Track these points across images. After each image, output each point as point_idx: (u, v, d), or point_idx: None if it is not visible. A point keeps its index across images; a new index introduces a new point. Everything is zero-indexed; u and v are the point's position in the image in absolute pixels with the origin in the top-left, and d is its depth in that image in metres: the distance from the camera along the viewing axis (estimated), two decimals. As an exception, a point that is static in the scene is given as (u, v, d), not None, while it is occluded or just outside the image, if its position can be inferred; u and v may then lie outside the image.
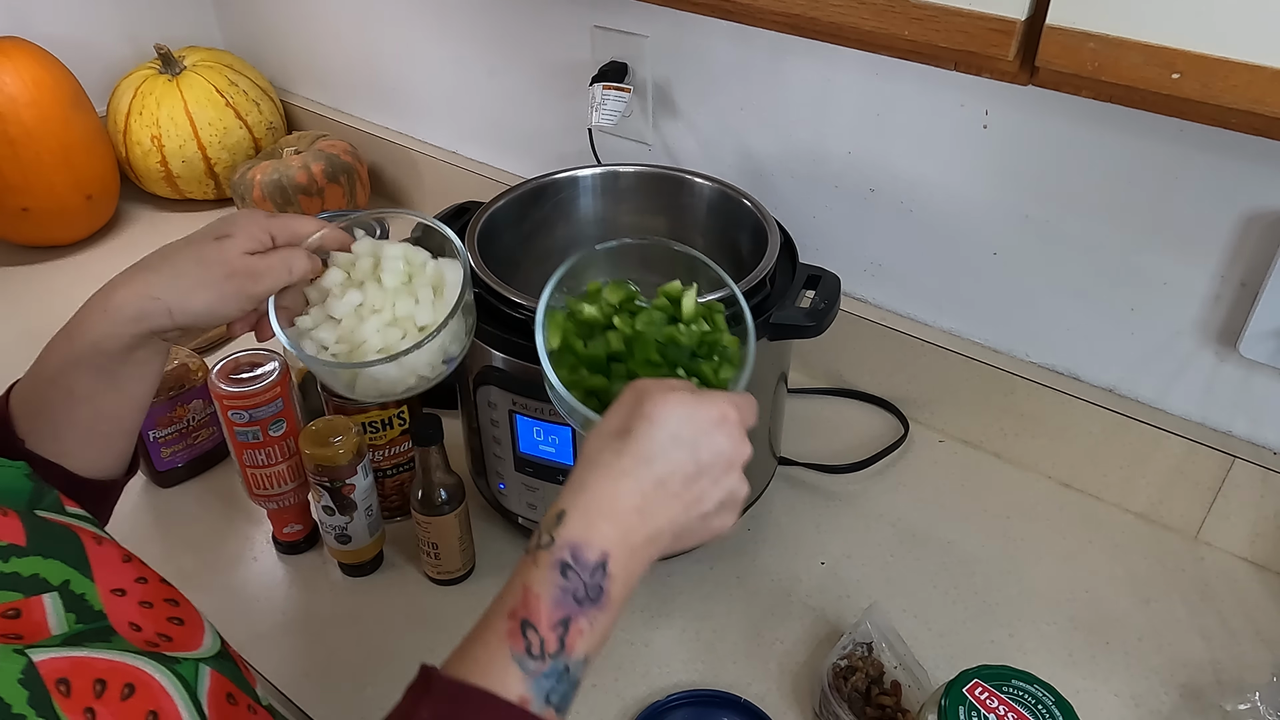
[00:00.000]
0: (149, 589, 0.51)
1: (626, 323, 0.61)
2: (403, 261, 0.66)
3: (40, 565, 0.46)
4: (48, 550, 0.47)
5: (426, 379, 0.66)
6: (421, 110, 1.41)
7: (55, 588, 0.46)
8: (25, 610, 0.44)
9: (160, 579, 0.53)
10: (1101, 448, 0.92)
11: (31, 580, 0.45)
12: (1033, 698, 0.63)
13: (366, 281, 0.65)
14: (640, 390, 0.52)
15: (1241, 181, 0.76)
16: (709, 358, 0.61)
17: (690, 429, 0.51)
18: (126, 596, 0.49)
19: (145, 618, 0.49)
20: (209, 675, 0.48)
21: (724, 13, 0.63)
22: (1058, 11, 0.49)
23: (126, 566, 0.51)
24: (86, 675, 0.42)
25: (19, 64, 1.25)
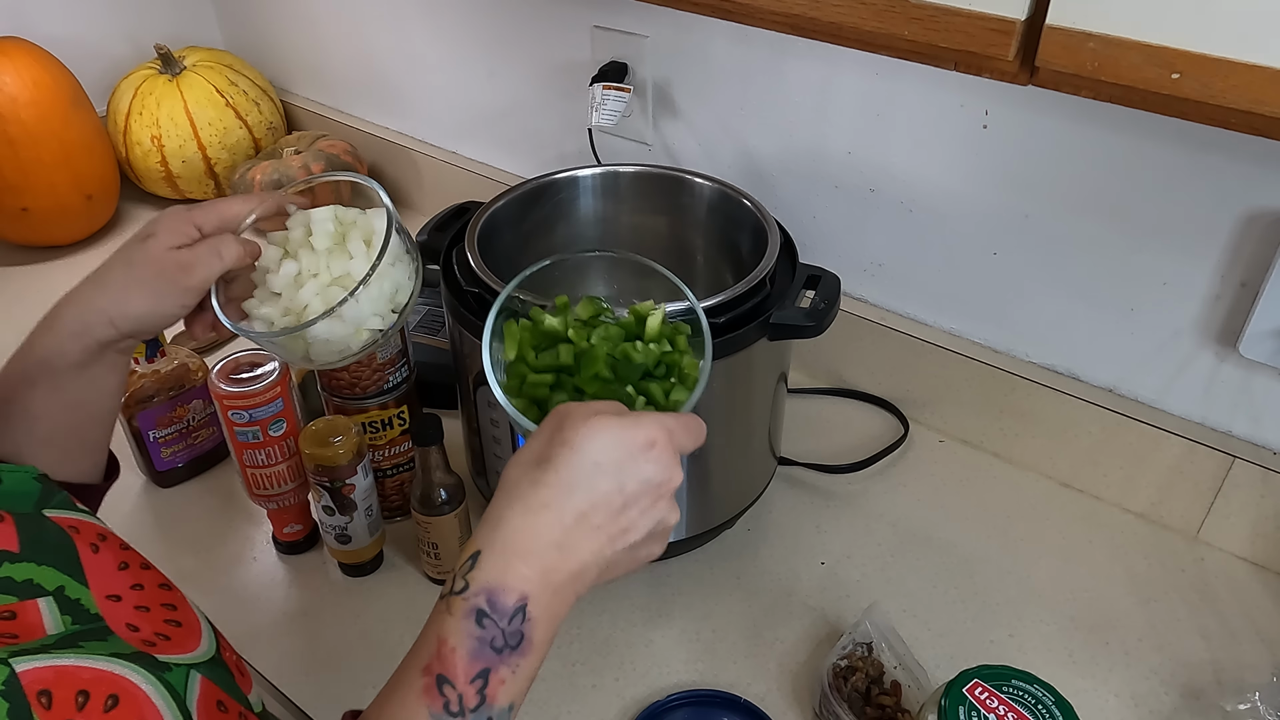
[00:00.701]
0: (145, 594, 0.50)
1: (581, 335, 0.59)
2: (332, 222, 0.65)
3: (34, 571, 0.46)
4: (41, 557, 0.47)
5: (381, 331, 0.65)
6: (421, 110, 1.41)
7: (50, 593, 0.46)
8: (20, 613, 0.44)
9: (159, 583, 0.52)
10: (1101, 448, 0.92)
11: (25, 585, 0.45)
12: (1033, 698, 0.63)
13: (300, 250, 0.64)
14: (562, 414, 0.49)
15: (1241, 181, 0.76)
16: (664, 378, 0.59)
17: (614, 455, 0.48)
18: (122, 602, 0.49)
19: (142, 620, 0.49)
20: (199, 682, 0.47)
21: (724, 13, 0.63)
22: (1058, 11, 0.49)
23: (122, 574, 0.50)
24: (70, 686, 0.41)
25: (19, 64, 1.25)
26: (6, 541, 0.46)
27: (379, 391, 0.84)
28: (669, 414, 0.52)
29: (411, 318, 1.10)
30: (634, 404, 0.57)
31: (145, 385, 0.91)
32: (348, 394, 0.84)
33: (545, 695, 0.76)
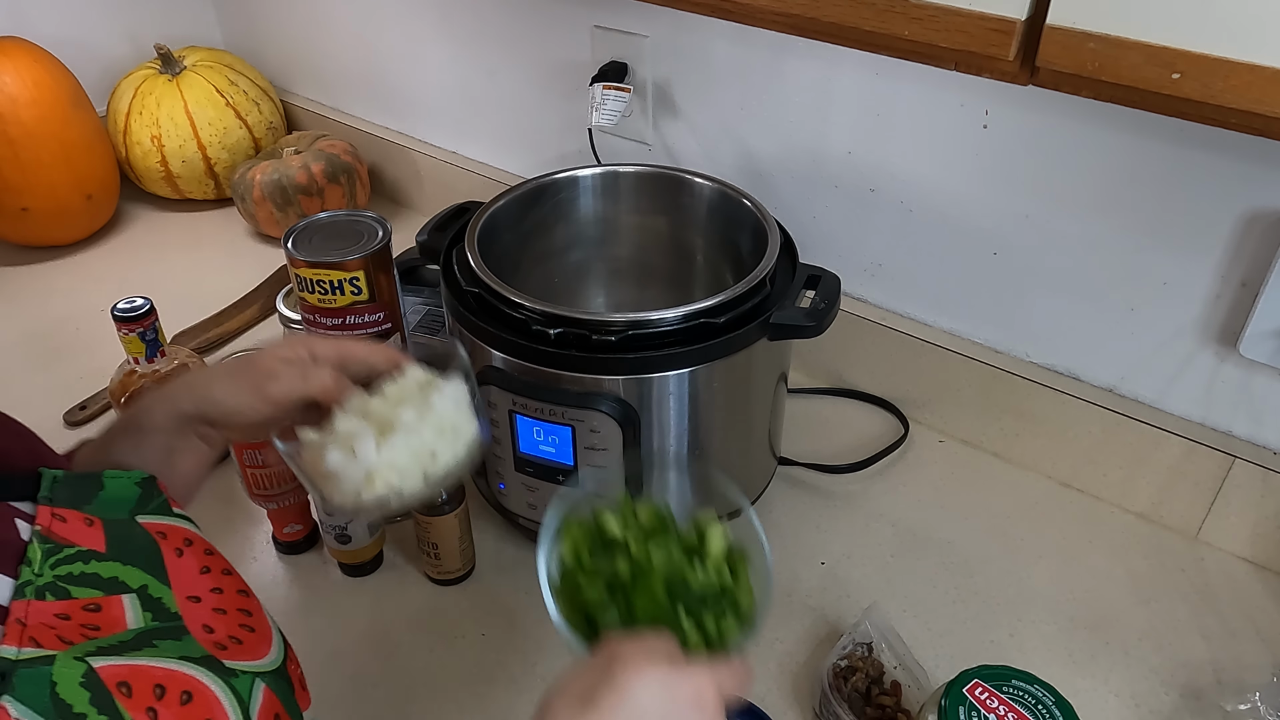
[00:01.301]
0: (223, 598, 0.52)
1: (641, 547, 0.57)
2: (453, 402, 0.64)
3: (119, 570, 0.48)
4: (126, 558, 0.49)
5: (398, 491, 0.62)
6: (421, 110, 1.41)
7: (134, 590, 0.48)
8: (105, 606, 0.46)
9: (238, 589, 0.54)
10: (1101, 448, 0.92)
11: (111, 581, 0.47)
12: (1033, 698, 0.63)
13: (400, 407, 0.63)
14: (614, 654, 0.49)
15: (1241, 181, 0.76)
16: (718, 610, 0.57)
17: (661, 707, 0.48)
18: (201, 604, 0.51)
19: (218, 622, 0.51)
20: (263, 692, 0.49)
21: (724, 13, 0.63)
22: (1058, 11, 0.49)
23: (204, 577, 0.52)
24: (146, 680, 0.43)
25: (19, 64, 1.25)
26: (94, 543, 0.48)
27: (379, 391, 0.84)
28: (719, 664, 0.53)
29: (412, 318, 1.10)
30: (686, 638, 0.56)
31: (145, 385, 0.91)
32: (348, 394, 0.84)
33: (545, 695, 0.76)
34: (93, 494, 0.52)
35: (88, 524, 0.49)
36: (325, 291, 0.77)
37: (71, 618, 0.44)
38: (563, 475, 0.77)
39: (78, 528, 0.49)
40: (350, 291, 0.77)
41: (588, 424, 0.73)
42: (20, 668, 0.40)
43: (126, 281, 1.31)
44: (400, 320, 0.83)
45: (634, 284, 1.00)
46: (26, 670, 0.40)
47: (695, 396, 0.75)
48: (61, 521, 0.48)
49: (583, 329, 0.71)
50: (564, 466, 0.77)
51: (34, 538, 0.46)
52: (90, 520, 0.49)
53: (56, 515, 0.49)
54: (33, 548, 0.46)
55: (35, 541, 0.46)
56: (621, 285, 1.00)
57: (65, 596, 0.45)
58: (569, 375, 0.72)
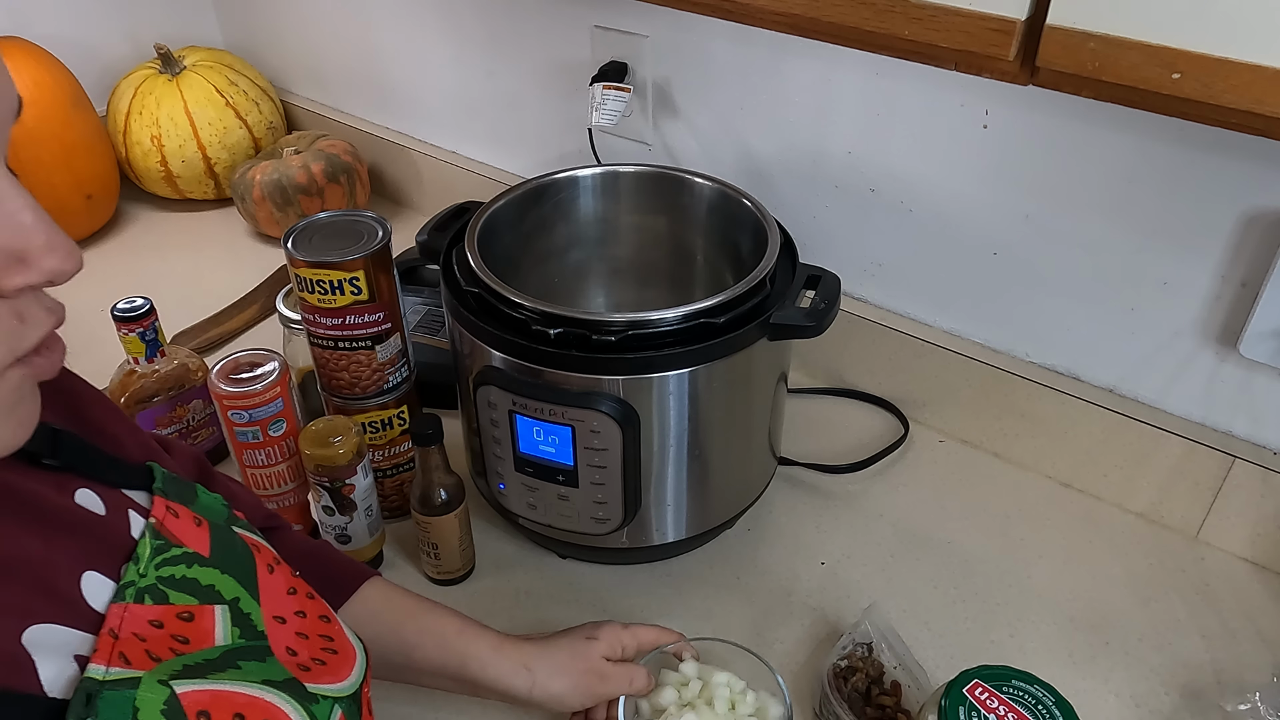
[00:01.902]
0: (306, 623, 0.53)
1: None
2: (727, 688, 0.71)
3: (217, 578, 0.49)
4: (226, 566, 0.49)
5: None
6: (421, 110, 1.41)
7: (227, 602, 0.48)
8: (198, 616, 0.46)
9: (320, 614, 0.55)
10: (1101, 448, 0.92)
11: (208, 590, 0.48)
12: (1033, 698, 0.63)
13: (695, 701, 0.70)
14: None
15: (1241, 181, 0.76)
16: None
17: None
18: (285, 625, 0.51)
19: (301, 646, 0.51)
20: (339, 717, 0.50)
21: (724, 13, 0.63)
22: (1058, 11, 0.49)
23: (290, 599, 0.53)
24: (226, 709, 0.43)
25: (19, 64, 1.25)
26: (199, 545, 0.49)
27: (379, 391, 0.84)
28: None
29: (412, 318, 1.10)
30: None
31: (145, 385, 0.91)
32: (348, 394, 0.84)
33: (545, 695, 0.76)
34: (192, 498, 0.52)
35: (197, 524, 0.50)
36: (325, 291, 0.77)
37: (164, 626, 0.44)
38: (562, 475, 0.77)
39: (188, 526, 0.49)
40: (350, 291, 0.77)
41: (588, 424, 0.73)
42: (106, 689, 0.40)
43: (126, 281, 1.31)
44: (400, 320, 0.83)
45: (634, 284, 1.00)
46: (111, 693, 0.40)
47: (695, 396, 0.75)
48: (175, 517, 0.49)
49: (583, 329, 0.71)
50: (564, 466, 0.77)
51: (147, 531, 0.47)
52: (199, 520, 0.50)
53: (171, 510, 0.49)
54: (144, 543, 0.46)
55: (148, 535, 0.47)
56: (621, 285, 1.00)
57: (163, 601, 0.45)
58: (569, 375, 0.72)
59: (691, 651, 0.74)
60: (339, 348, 0.81)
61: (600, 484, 0.77)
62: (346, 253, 0.77)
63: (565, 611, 0.84)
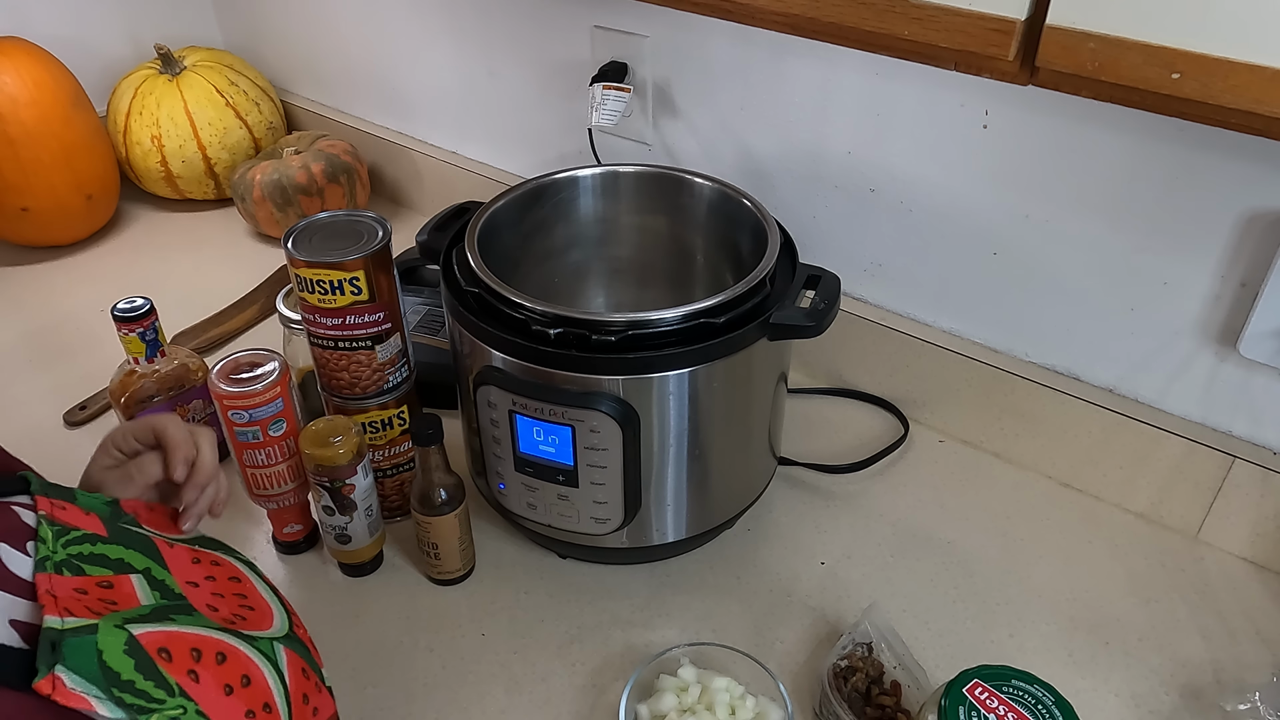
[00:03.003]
0: (218, 584, 0.55)
1: None
2: (726, 693, 0.71)
3: (123, 552, 0.50)
4: (128, 543, 0.51)
5: None
6: (421, 110, 1.41)
7: (139, 571, 0.50)
8: (116, 584, 0.48)
9: (229, 576, 0.56)
10: (1101, 448, 0.92)
11: (118, 562, 0.49)
12: (1033, 698, 0.63)
13: (696, 709, 0.70)
14: None
15: (1241, 181, 0.76)
16: None
17: None
18: (199, 589, 0.53)
19: (219, 604, 0.53)
20: (284, 651, 0.52)
21: (724, 13, 0.63)
22: (1058, 11, 0.49)
23: (196, 567, 0.54)
24: (183, 644, 0.45)
25: (19, 64, 1.25)
26: (95, 529, 0.51)
27: (379, 391, 0.84)
28: None
29: (412, 318, 1.10)
30: None
31: (145, 385, 0.91)
32: (348, 394, 0.84)
33: (546, 694, 0.76)
34: (72, 498, 0.53)
35: (85, 513, 0.51)
36: (325, 291, 0.77)
37: (89, 593, 0.46)
38: (562, 475, 0.77)
39: (77, 515, 0.51)
40: (350, 291, 0.77)
41: (588, 424, 0.73)
42: (68, 636, 0.41)
43: (126, 281, 1.31)
44: (400, 320, 0.83)
45: (634, 284, 1.00)
46: (74, 639, 0.41)
47: (695, 396, 0.75)
48: (62, 509, 0.50)
49: (583, 329, 0.71)
50: (564, 466, 0.77)
51: (41, 521, 0.48)
52: (87, 511, 0.51)
53: (56, 504, 0.50)
54: (43, 528, 0.47)
55: (44, 524, 0.48)
56: (621, 285, 1.00)
57: (80, 573, 0.46)
58: (569, 375, 0.72)
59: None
60: (339, 348, 0.81)
61: (600, 484, 0.77)
62: (346, 253, 0.77)
63: (565, 611, 0.84)
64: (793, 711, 0.70)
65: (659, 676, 0.73)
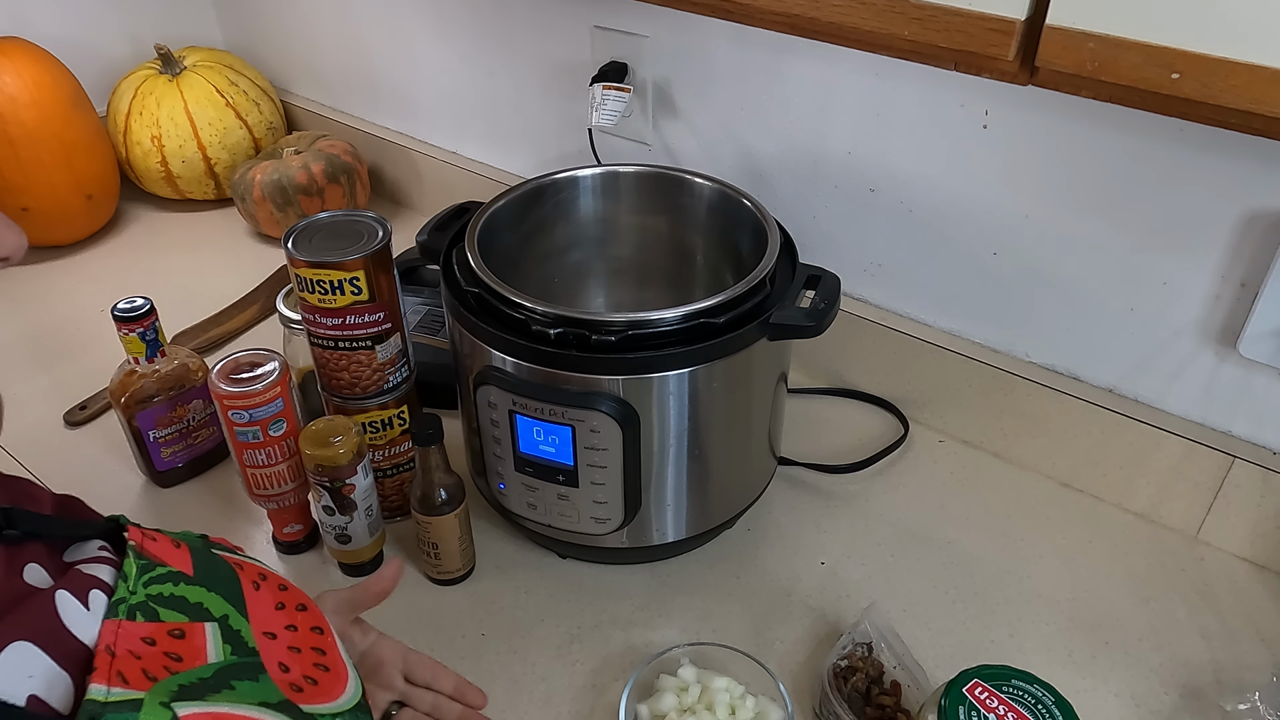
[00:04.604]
0: (297, 636, 0.53)
1: None
2: (727, 693, 0.71)
3: (204, 596, 0.48)
4: (211, 584, 0.49)
5: None
6: (421, 110, 1.41)
7: (216, 619, 0.48)
8: (189, 633, 0.46)
9: (311, 626, 0.54)
10: (1101, 448, 0.92)
11: (196, 607, 0.48)
12: (1033, 698, 0.63)
13: (696, 709, 0.71)
14: None
15: (1241, 181, 0.76)
16: None
17: None
18: (276, 641, 0.51)
19: (293, 660, 0.51)
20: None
21: (724, 13, 0.63)
22: (1058, 11, 0.49)
23: (279, 613, 0.53)
24: None
25: (19, 64, 1.25)
26: (183, 565, 0.49)
27: (379, 391, 0.84)
28: None
29: (412, 318, 1.10)
30: None
31: (145, 385, 0.91)
32: (348, 394, 0.84)
33: (546, 694, 0.76)
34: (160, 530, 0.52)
35: (175, 545, 0.50)
36: (325, 291, 0.77)
37: (157, 643, 0.44)
38: (563, 475, 0.77)
39: (167, 548, 0.49)
40: (350, 291, 0.77)
41: (588, 424, 0.73)
42: (109, 712, 0.40)
43: (126, 281, 1.31)
44: (400, 320, 0.83)
45: (634, 284, 1.00)
46: (115, 715, 0.40)
47: (695, 396, 0.75)
48: (153, 541, 0.49)
49: (583, 329, 0.71)
50: (564, 466, 0.77)
51: (130, 552, 0.47)
52: (178, 543, 0.50)
53: (148, 534, 0.49)
54: (129, 562, 0.46)
55: (132, 556, 0.47)
56: (621, 285, 1.00)
57: (154, 619, 0.45)
58: (569, 375, 0.72)
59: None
60: (339, 348, 0.81)
61: (600, 484, 0.77)
62: (346, 253, 0.77)
63: (565, 611, 0.84)
64: (793, 711, 0.70)
65: (659, 676, 0.73)
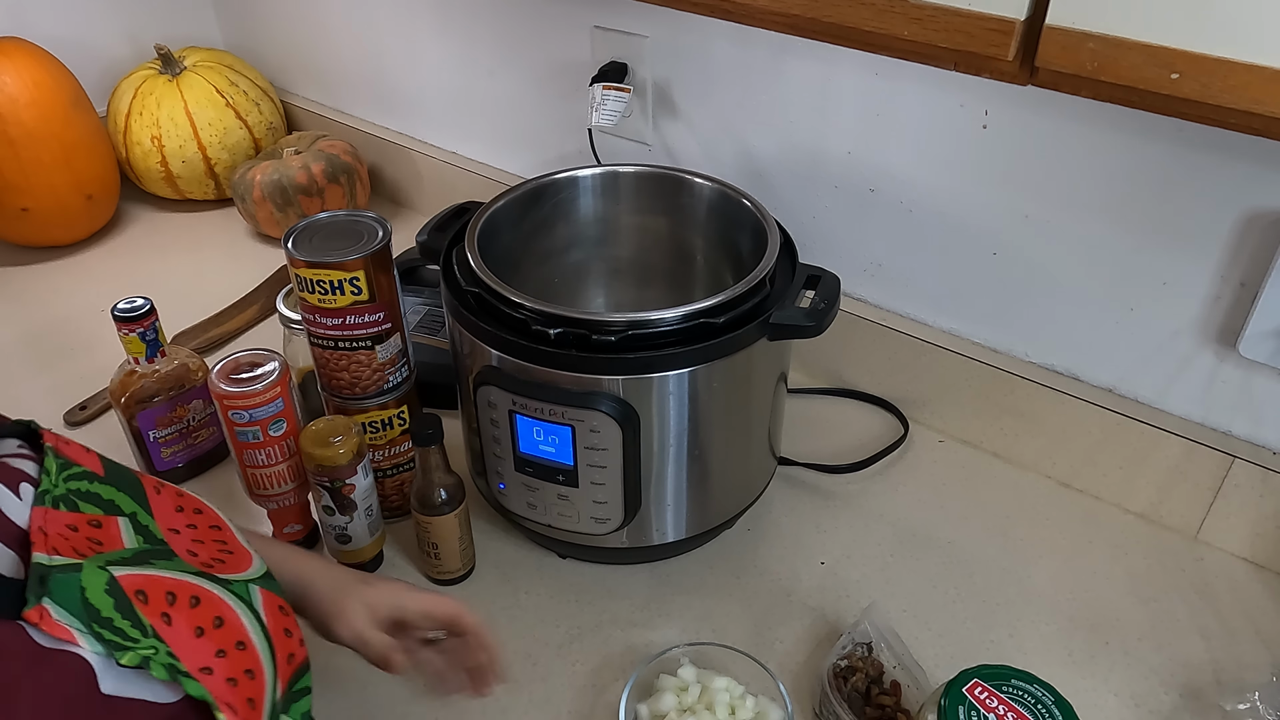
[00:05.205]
0: (199, 531, 0.57)
1: None
2: (727, 693, 0.71)
3: (115, 494, 0.53)
4: (120, 484, 0.54)
5: None
6: (421, 110, 1.41)
7: (126, 514, 0.53)
8: (105, 524, 0.51)
9: (210, 524, 0.59)
10: (1101, 448, 0.92)
11: (109, 503, 0.52)
12: (1032, 698, 0.63)
13: (696, 709, 0.71)
14: None
15: (1241, 181, 0.76)
16: None
17: None
18: (180, 535, 0.55)
19: (199, 549, 0.55)
20: (259, 592, 0.54)
21: (724, 13, 0.63)
22: (1057, 11, 0.49)
23: (179, 515, 0.57)
24: (159, 588, 0.48)
25: (19, 64, 1.25)
26: (94, 466, 0.54)
27: (379, 391, 0.84)
28: None
29: (412, 318, 1.10)
30: None
31: (145, 385, 0.91)
32: (348, 394, 0.84)
33: (546, 694, 0.76)
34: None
35: (85, 450, 0.54)
36: (325, 291, 0.77)
37: (79, 530, 0.49)
38: (562, 475, 0.77)
39: (79, 451, 0.54)
40: (350, 291, 0.78)
41: (588, 424, 0.73)
42: (55, 573, 0.44)
43: (126, 281, 1.31)
44: (400, 320, 0.83)
45: (634, 284, 1.00)
46: (60, 575, 0.44)
47: (695, 396, 0.75)
48: (66, 444, 0.53)
49: (582, 329, 0.71)
50: (564, 466, 0.77)
51: (49, 452, 0.51)
52: (87, 449, 0.55)
53: (60, 439, 0.54)
54: (49, 460, 0.51)
55: (50, 455, 0.51)
56: (621, 285, 1.00)
57: (74, 509, 0.50)
58: (569, 375, 0.72)
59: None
60: (339, 348, 0.81)
61: (600, 484, 0.77)
62: (346, 253, 0.77)
63: (565, 611, 0.84)
64: (793, 711, 0.70)
65: (659, 676, 0.73)
